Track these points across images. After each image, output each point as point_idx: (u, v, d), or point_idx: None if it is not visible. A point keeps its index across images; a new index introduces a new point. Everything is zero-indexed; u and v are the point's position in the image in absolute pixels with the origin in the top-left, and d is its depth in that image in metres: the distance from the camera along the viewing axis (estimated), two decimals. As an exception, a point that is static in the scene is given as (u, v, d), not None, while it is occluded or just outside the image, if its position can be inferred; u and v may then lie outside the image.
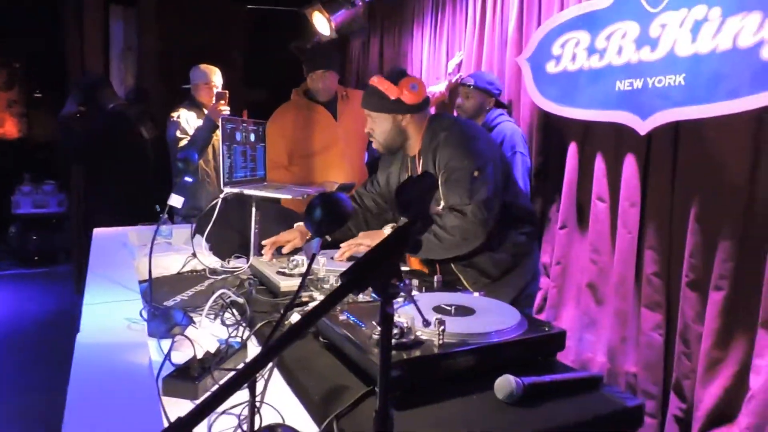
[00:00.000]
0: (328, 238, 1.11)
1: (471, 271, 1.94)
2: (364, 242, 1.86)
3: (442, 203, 1.85)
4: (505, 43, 3.02)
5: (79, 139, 4.47)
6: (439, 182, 1.86)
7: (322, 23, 3.87)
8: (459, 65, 3.37)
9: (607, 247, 2.49)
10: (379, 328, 1.22)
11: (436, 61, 3.69)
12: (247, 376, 0.67)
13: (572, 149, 2.63)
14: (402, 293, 0.77)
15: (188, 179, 1.77)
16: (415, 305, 1.06)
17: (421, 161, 1.94)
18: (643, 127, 2.20)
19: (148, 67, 5.20)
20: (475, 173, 1.80)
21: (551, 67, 2.59)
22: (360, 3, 3.96)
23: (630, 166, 2.34)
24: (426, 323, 1.12)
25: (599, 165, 2.50)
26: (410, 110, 1.90)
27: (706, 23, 1.96)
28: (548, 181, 2.83)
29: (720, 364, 2.03)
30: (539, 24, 2.73)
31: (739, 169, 1.96)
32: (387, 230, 1.93)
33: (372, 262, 0.71)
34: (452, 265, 1.96)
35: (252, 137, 2.26)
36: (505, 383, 1.13)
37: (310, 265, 0.97)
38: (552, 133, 2.79)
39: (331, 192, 1.08)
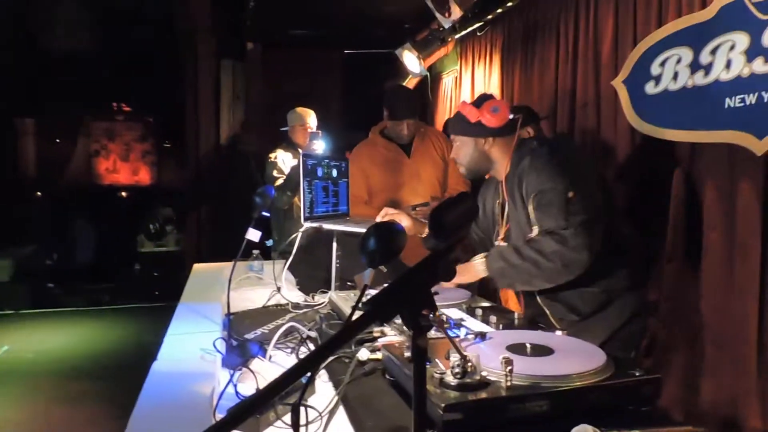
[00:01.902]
0: (383, 269, 1.07)
1: (557, 305, 1.79)
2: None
3: (536, 229, 1.74)
4: (599, 67, 2.86)
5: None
6: (530, 208, 1.75)
7: (412, 62, 3.92)
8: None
9: (724, 282, 2.20)
10: (441, 366, 1.15)
11: (529, 91, 3.58)
12: (269, 396, 0.64)
13: (678, 175, 2.39)
14: (434, 324, 0.70)
15: (265, 213, 1.82)
16: (448, 337, 0.98)
17: (507, 189, 1.85)
18: (760, 146, 1.95)
19: (254, 114, 5.57)
20: (570, 194, 1.67)
21: (651, 88, 2.40)
22: (450, 40, 3.97)
23: (747, 190, 2.07)
24: (464, 359, 1.03)
25: (710, 191, 2.24)
26: (492, 133, 1.83)
27: (830, 26, 1.72)
28: (652, 211, 2.58)
29: None
30: (635, 45, 2.56)
31: None
32: (477, 261, 1.85)
33: (400, 290, 0.66)
34: (537, 298, 1.83)
35: (334, 173, 2.30)
36: (581, 433, 1.00)
37: (361, 297, 0.93)
38: (654, 158, 2.56)
39: (386, 222, 1.04)
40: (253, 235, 1.79)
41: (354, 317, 1.07)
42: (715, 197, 2.22)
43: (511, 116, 1.84)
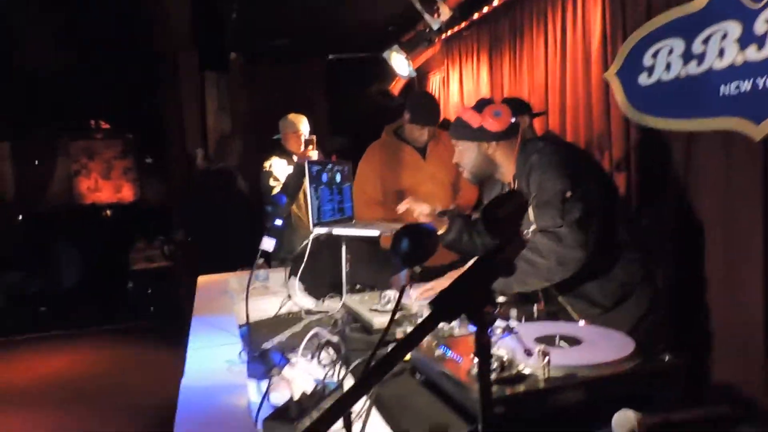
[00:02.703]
0: (417, 269, 1.08)
1: (578, 302, 1.82)
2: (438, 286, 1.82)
3: (533, 227, 1.77)
4: (589, 61, 2.90)
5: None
6: (531, 206, 1.78)
7: (401, 64, 3.93)
8: None
9: (725, 272, 2.24)
10: (477, 361, 1.16)
11: (518, 88, 3.61)
12: (338, 412, 0.64)
13: (676, 163, 2.44)
14: (499, 323, 0.71)
15: (278, 222, 1.82)
16: (515, 334, 0.99)
17: (516, 188, 1.88)
18: (757, 131, 1.99)
19: (239, 124, 5.55)
20: (568, 194, 1.70)
21: (644, 79, 2.44)
22: (438, 40, 4.00)
23: (746, 176, 2.11)
24: (528, 353, 1.03)
25: (709, 179, 2.29)
26: (495, 138, 1.85)
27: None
28: (651, 200, 2.63)
29: None
30: (625, 37, 2.60)
31: None
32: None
33: (462, 288, 0.66)
34: (559, 297, 1.85)
35: (338, 178, 2.30)
36: (625, 420, 1.01)
37: (400, 298, 0.94)
38: (651, 149, 2.60)
39: (417, 223, 1.05)
40: (268, 244, 1.79)
41: (380, 322, 1.08)
42: (713, 185, 2.27)
43: (513, 120, 1.86)
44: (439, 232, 2.09)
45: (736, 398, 2.19)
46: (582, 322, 1.46)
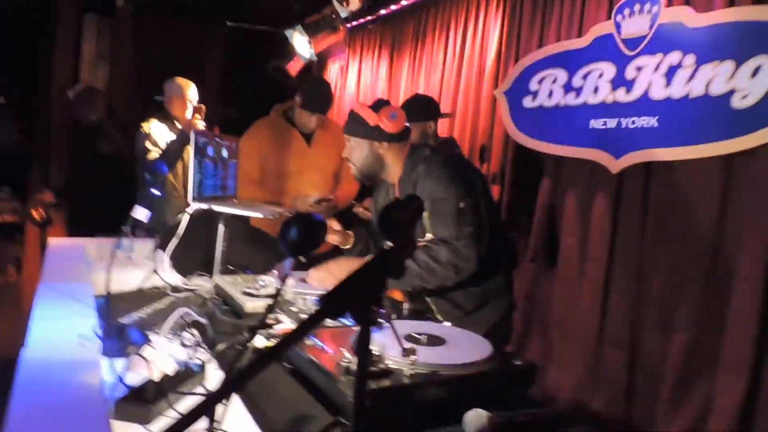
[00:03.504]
0: (302, 259, 1.07)
1: (444, 303, 1.92)
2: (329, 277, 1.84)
3: (429, 235, 1.84)
4: (482, 75, 3.06)
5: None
6: (425, 214, 1.83)
7: (302, 45, 3.86)
8: None
9: (575, 283, 2.50)
10: (347, 354, 1.18)
11: (415, 89, 3.71)
12: (210, 405, 0.62)
13: (545, 183, 2.66)
14: (381, 320, 0.73)
15: (156, 192, 1.70)
16: (395, 333, 1.02)
17: (400, 190, 1.93)
18: (615, 165, 2.23)
19: (120, 77, 5.09)
20: (461, 204, 1.79)
21: (528, 102, 2.63)
22: (341, 27, 3.97)
23: (601, 203, 2.37)
24: (405, 352, 1.07)
25: (571, 201, 2.53)
26: (388, 138, 1.89)
27: (681, 69, 2.02)
28: (521, 214, 2.84)
29: (682, 404, 2.03)
30: (517, 59, 2.78)
31: (708, 211, 2.01)
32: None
33: (352, 287, 0.67)
34: (426, 297, 1.93)
35: (225, 153, 2.21)
36: (476, 418, 1.09)
37: (282, 286, 0.92)
38: (525, 166, 2.81)
39: (307, 213, 1.04)
40: (141, 213, 1.66)
41: (251, 307, 1.07)
42: (575, 206, 2.51)
43: (406, 124, 1.92)
44: (346, 247, 2.09)
45: (572, 400, 2.45)
46: (447, 324, 1.54)
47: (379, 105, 1.92)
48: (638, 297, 2.25)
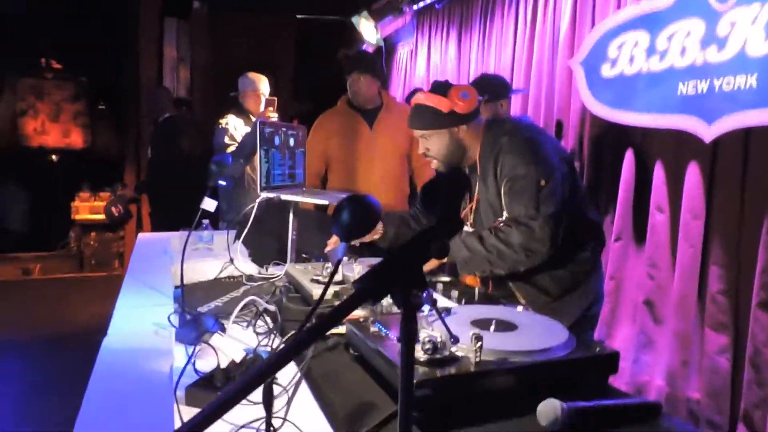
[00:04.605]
0: (356, 243, 1.04)
1: (529, 288, 1.81)
2: None
3: (505, 214, 1.73)
4: (556, 46, 2.89)
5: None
6: (502, 191, 1.73)
7: (368, 30, 3.84)
8: None
9: (667, 262, 2.31)
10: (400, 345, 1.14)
11: (485, 67, 3.58)
12: (249, 386, 0.60)
13: (629, 157, 2.47)
14: (428, 305, 0.68)
15: (222, 182, 1.74)
16: (442, 319, 0.96)
17: (480, 170, 1.80)
18: (708, 133, 2.02)
19: (199, 77, 5.32)
20: (542, 182, 1.66)
21: (606, 71, 2.45)
22: (407, 10, 3.91)
23: (693, 175, 2.16)
24: (454, 340, 1.02)
25: (658, 174, 2.33)
26: (465, 120, 1.77)
27: (782, 19, 1.79)
28: (602, 191, 2.66)
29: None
30: (593, 25, 2.59)
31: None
32: None
33: (391, 268, 0.63)
34: (509, 283, 1.84)
35: (291, 142, 2.23)
36: (550, 409, 1.02)
37: (334, 272, 0.90)
38: (606, 140, 2.63)
39: (360, 194, 1.01)
40: (209, 204, 1.71)
41: (316, 294, 1.05)
42: (663, 180, 2.31)
43: (480, 98, 1.81)
44: (376, 237, 1.96)
45: (666, 390, 2.27)
46: (520, 308, 1.46)
47: (444, 87, 1.79)
48: (739, 275, 2.03)
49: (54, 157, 8.31)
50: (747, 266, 2.00)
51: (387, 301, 1.44)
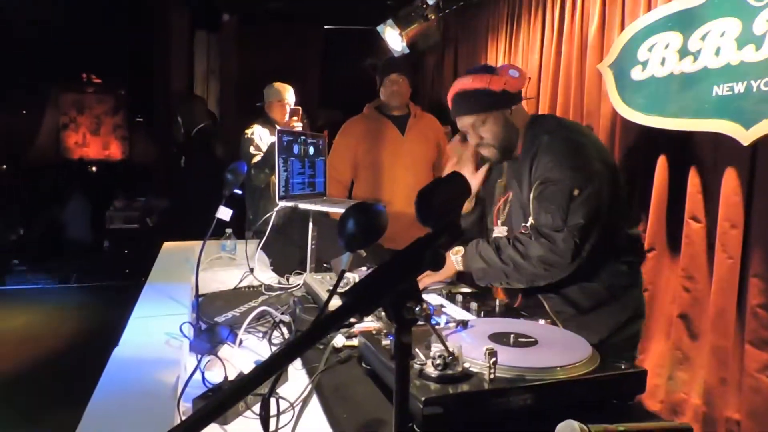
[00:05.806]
0: (363, 253, 1.00)
1: (556, 299, 1.69)
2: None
3: (530, 221, 1.63)
4: (584, 50, 2.81)
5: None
6: (531, 195, 1.63)
7: (394, 39, 3.82)
8: None
9: (703, 273, 2.19)
10: (421, 356, 1.09)
11: (512, 73, 3.51)
12: (237, 396, 0.56)
13: (661, 163, 2.36)
14: (421, 318, 0.63)
15: (238, 191, 1.73)
16: (434, 330, 0.91)
17: (521, 163, 1.69)
18: (746, 136, 1.92)
19: (228, 88, 5.40)
20: (575, 191, 1.54)
21: (637, 74, 2.35)
22: (433, 17, 3.87)
23: (730, 181, 2.05)
24: (450, 354, 0.96)
25: (693, 180, 2.22)
26: (516, 100, 1.67)
27: (824, 14, 1.68)
28: (633, 199, 2.56)
29: None
30: (623, 27, 2.50)
31: None
32: (453, 255, 1.77)
33: (381, 279, 0.58)
34: (538, 294, 1.73)
35: (311, 150, 2.21)
36: (568, 430, 0.95)
37: (337, 283, 0.86)
38: (638, 145, 2.52)
39: (366, 202, 0.96)
40: (224, 213, 1.70)
41: (330, 305, 1.01)
42: (698, 187, 2.20)
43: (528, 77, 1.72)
44: (465, 211, 1.89)
45: (702, 410, 2.15)
46: (542, 321, 1.39)
47: (490, 68, 1.69)
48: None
49: (94, 168, 8.58)
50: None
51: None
